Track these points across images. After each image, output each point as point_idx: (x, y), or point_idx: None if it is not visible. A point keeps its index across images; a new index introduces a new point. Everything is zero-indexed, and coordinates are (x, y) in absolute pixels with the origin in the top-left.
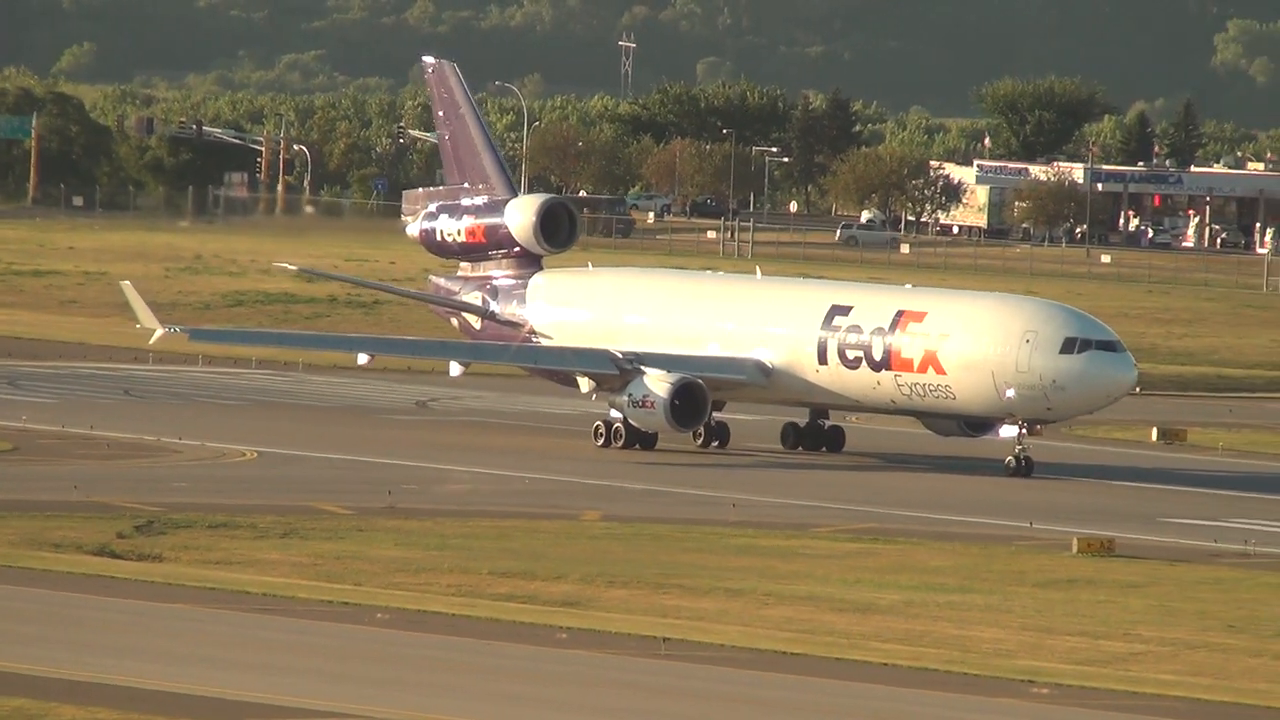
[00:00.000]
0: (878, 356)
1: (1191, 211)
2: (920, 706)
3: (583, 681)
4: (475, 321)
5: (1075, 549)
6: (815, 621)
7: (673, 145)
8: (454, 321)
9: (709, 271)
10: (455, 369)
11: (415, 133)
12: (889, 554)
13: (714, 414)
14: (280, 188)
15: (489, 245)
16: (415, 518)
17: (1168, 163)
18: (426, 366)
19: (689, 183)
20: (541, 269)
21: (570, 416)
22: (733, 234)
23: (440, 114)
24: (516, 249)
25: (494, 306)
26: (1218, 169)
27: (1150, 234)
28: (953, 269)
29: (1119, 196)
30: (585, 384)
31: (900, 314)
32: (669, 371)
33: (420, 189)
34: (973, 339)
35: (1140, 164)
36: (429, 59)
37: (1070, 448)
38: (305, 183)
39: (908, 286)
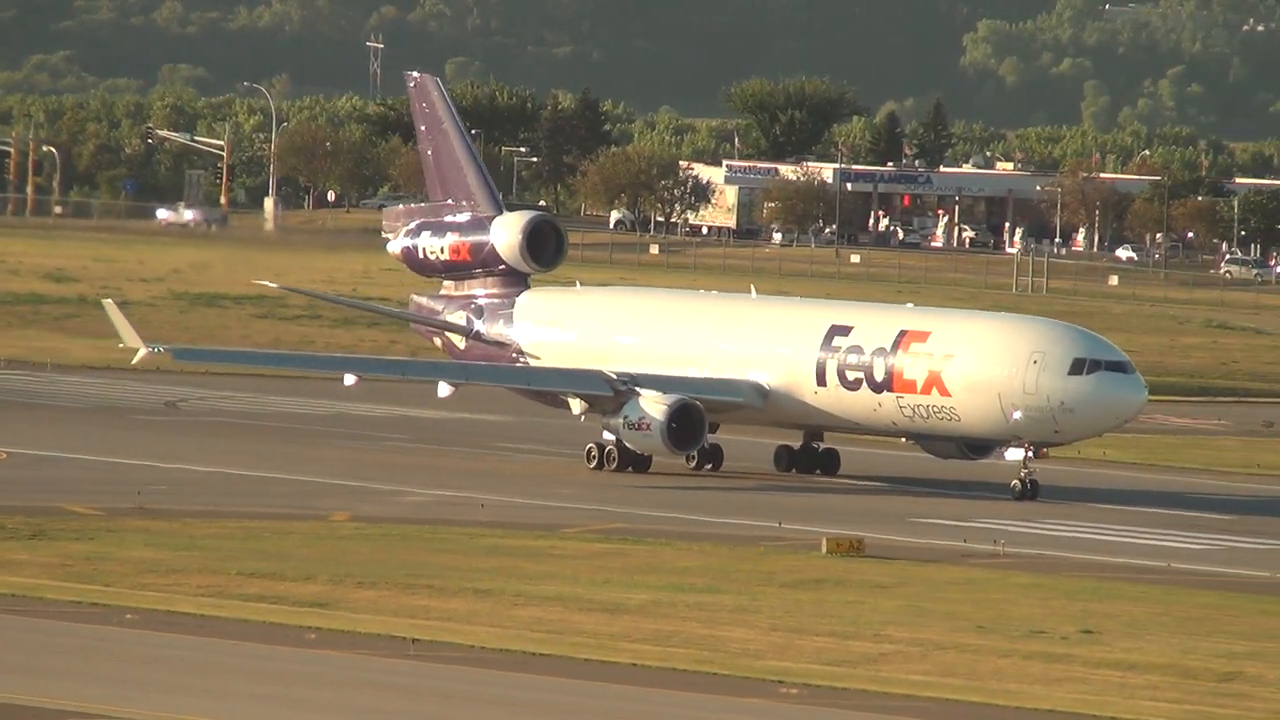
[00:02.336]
0: (879, 377)
1: (941, 211)
2: (669, 707)
3: (332, 682)
4: (459, 341)
5: (824, 549)
6: (564, 622)
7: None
8: (437, 341)
9: (703, 291)
10: (444, 389)
11: (164, 133)
12: (638, 554)
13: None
14: (29, 189)
15: (474, 263)
16: (164, 518)
17: (917, 163)
18: (177, 366)
19: None
20: (528, 287)
21: (317, 417)
22: None
23: (422, 129)
24: (502, 267)
25: (479, 326)
26: (967, 169)
27: (900, 234)
28: (702, 269)
29: (869, 196)
30: (577, 405)
31: (903, 334)
32: (664, 393)
33: (400, 205)
34: (978, 360)
35: (890, 164)
36: (412, 73)
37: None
38: (54, 184)
39: (909, 306)
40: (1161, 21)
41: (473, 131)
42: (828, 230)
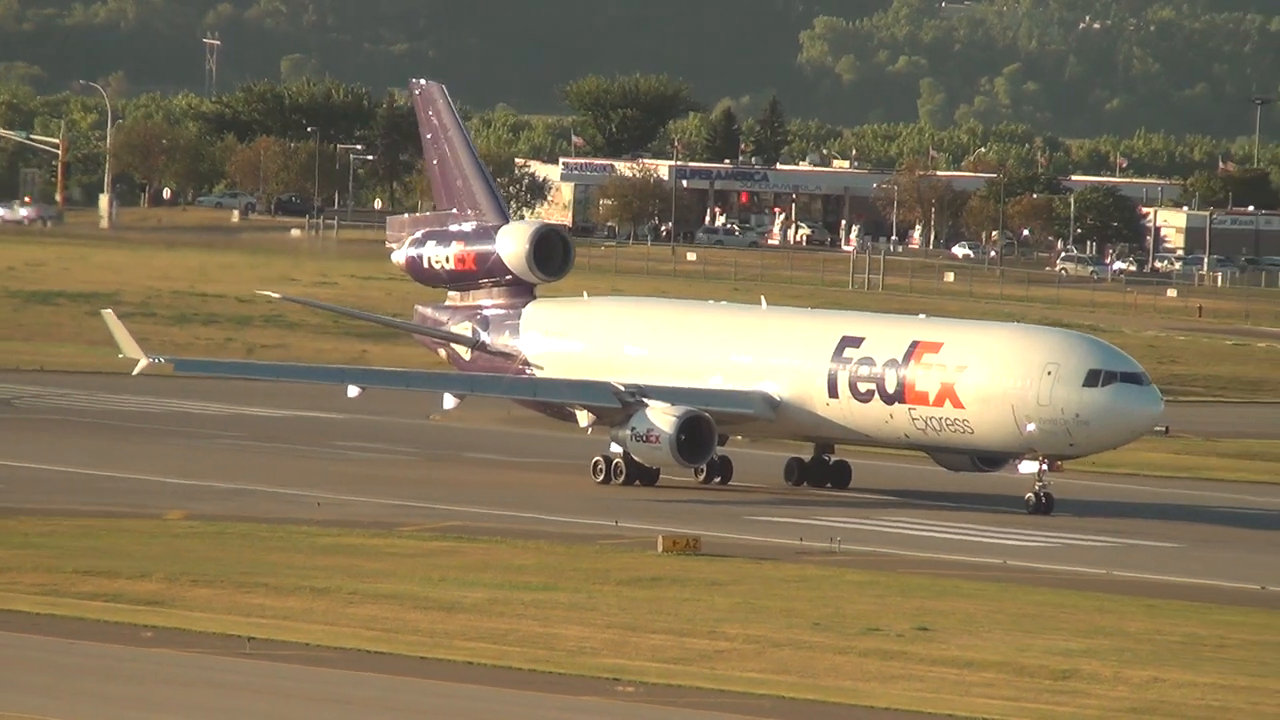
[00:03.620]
0: (891, 389)
1: (777, 209)
2: (505, 705)
3: (168, 681)
4: (464, 352)
5: (660, 547)
6: (400, 620)
7: (257, 143)
8: (441, 353)
9: (713, 301)
10: (449, 401)
11: None
12: (474, 552)
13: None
14: None
15: (479, 273)
16: None
17: (753, 160)
18: (11, 364)
19: (274, 181)
20: (534, 298)
21: (155, 415)
22: (318, 232)
23: (428, 137)
24: (508, 277)
25: (485, 337)
26: (803, 166)
27: (736, 231)
28: None
29: (705, 194)
30: (584, 417)
31: (915, 345)
32: (673, 404)
33: (406, 215)
34: (992, 371)
35: (726, 161)
36: (418, 81)
37: None
38: None
39: (921, 316)
40: (998, 19)
41: (308, 129)
42: (664, 228)
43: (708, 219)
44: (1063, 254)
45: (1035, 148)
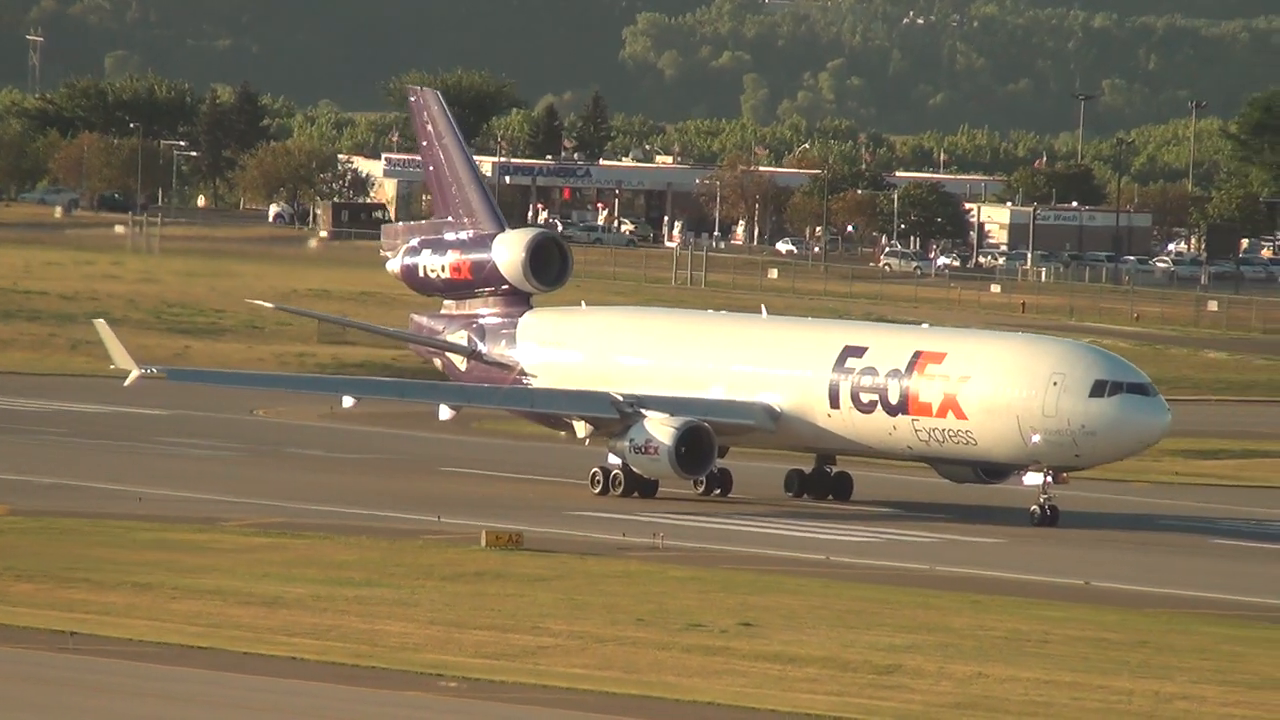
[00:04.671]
0: (894, 400)
1: (601, 205)
2: (327, 700)
3: None
4: (460, 362)
5: (484, 542)
6: (223, 615)
7: (80, 139)
8: (437, 362)
9: (712, 311)
10: (444, 412)
11: None
12: (297, 548)
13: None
14: None
15: (475, 282)
16: None
17: (576, 156)
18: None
19: (97, 177)
20: (530, 307)
21: None
22: (142, 229)
23: (423, 144)
24: (504, 286)
25: (481, 346)
26: (626, 162)
27: (560, 228)
28: (365, 265)
29: (528, 190)
30: (582, 428)
31: (918, 355)
32: (672, 415)
33: (400, 223)
34: (996, 381)
35: (549, 157)
36: (414, 87)
37: (486, 443)
38: None
39: (924, 325)
40: (821, 14)
41: (132, 125)
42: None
43: (530, 215)
44: (886, 249)
45: (859, 144)
